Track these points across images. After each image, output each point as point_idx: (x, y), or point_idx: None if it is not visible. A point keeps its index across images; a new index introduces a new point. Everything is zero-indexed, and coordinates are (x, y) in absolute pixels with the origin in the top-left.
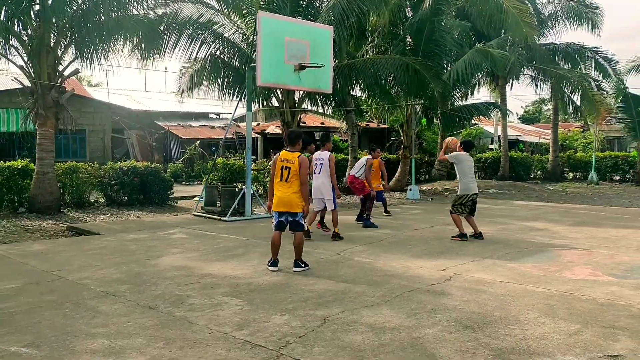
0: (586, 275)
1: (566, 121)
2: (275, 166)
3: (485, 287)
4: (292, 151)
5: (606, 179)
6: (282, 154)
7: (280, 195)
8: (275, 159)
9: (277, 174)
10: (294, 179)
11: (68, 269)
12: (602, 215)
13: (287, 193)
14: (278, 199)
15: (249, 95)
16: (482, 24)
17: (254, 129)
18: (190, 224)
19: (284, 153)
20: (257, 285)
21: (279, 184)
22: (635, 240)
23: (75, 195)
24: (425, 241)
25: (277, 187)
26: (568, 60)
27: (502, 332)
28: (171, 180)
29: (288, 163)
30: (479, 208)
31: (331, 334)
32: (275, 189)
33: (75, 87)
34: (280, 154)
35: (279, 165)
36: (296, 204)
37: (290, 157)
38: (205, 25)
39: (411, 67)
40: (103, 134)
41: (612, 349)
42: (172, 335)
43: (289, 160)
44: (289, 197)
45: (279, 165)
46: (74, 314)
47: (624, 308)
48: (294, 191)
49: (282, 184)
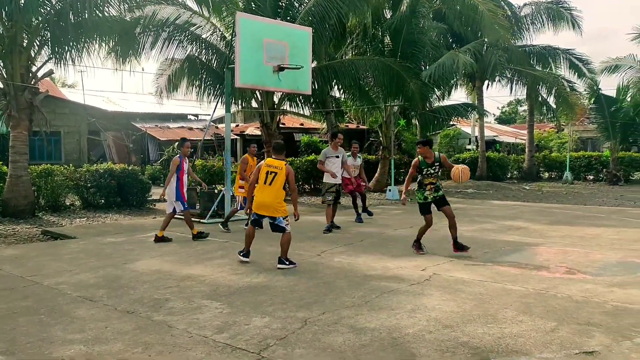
0: (562, 274)
1: (541, 122)
2: (260, 171)
3: (463, 286)
4: (277, 159)
5: (580, 178)
6: (269, 161)
7: (262, 200)
8: (261, 165)
9: (261, 178)
10: (278, 185)
11: (43, 274)
12: (577, 214)
13: (270, 198)
14: (259, 203)
15: (227, 96)
16: (459, 26)
17: (233, 131)
18: (168, 226)
19: (270, 160)
20: (237, 288)
21: (262, 187)
22: (608, 238)
23: (50, 199)
24: (405, 241)
25: (260, 190)
26: (541, 62)
27: (481, 331)
28: (149, 182)
29: (275, 169)
30: (458, 207)
31: (312, 335)
32: (257, 192)
33: (50, 88)
34: (266, 160)
35: (264, 170)
36: (277, 209)
37: (277, 164)
38: (182, 27)
39: (390, 68)
40: (79, 136)
41: (587, 346)
42: (151, 340)
43: (275, 167)
44: (272, 202)
45: (264, 170)
46: (49, 320)
47: (598, 305)
48: (276, 196)
49: (265, 188)
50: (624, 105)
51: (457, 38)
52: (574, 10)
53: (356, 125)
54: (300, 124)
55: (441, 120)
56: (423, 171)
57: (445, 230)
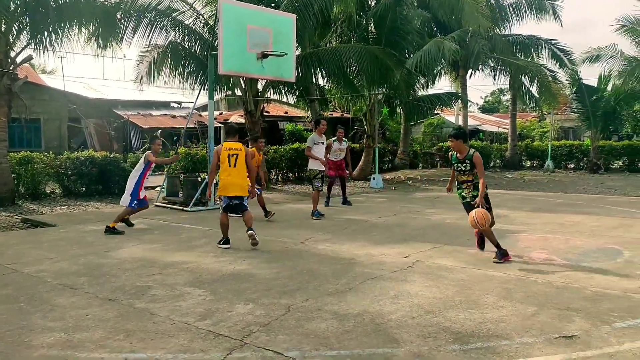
0: (542, 260)
1: (524, 111)
2: (221, 155)
3: (446, 272)
4: (232, 141)
5: (561, 166)
6: (226, 144)
7: (231, 181)
8: (219, 150)
9: (224, 161)
10: (241, 165)
11: (23, 262)
12: (558, 201)
13: (238, 178)
14: (229, 183)
15: (210, 83)
16: (442, 15)
17: (216, 118)
18: (151, 214)
19: (227, 143)
20: (220, 275)
21: (228, 170)
22: (588, 225)
23: (30, 186)
24: (388, 229)
25: (227, 172)
26: (525, 51)
27: (462, 316)
28: (131, 170)
29: (235, 150)
30: (441, 196)
31: (295, 322)
32: (223, 175)
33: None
34: (224, 144)
35: (225, 154)
36: (244, 187)
37: (235, 145)
38: (164, 12)
39: (374, 56)
40: (59, 123)
41: (567, 330)
42: (133, 327)
43: (235, 148)
44: (240, 182)
45: (225, 154)
46: (29, 308)
47: (578, 290)
48: (243, 176)
49: (232, 170)
50: (605, 94)
51: (441, 27)
52: (556, 1)
53: (340, 113)
54: (284, 112)
55: (425, 109)
56: (454, 166)
57: (429, 219)
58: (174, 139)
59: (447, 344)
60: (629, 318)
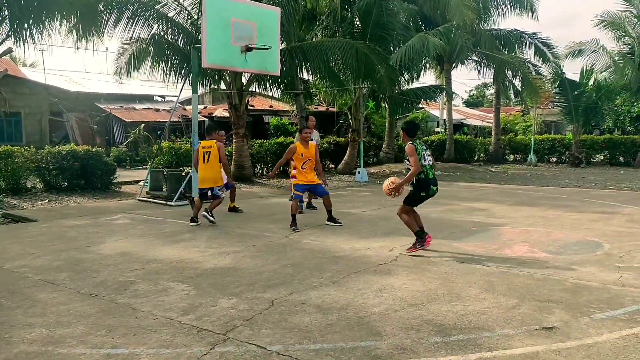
0: (524, 252)
1: (507, 105)
2: (198, 153)
3: (429, 265)
4: (209, 139)
5: (544, 160)
6: (203, 143)
7: (203, 175)
8: (198, 148)
9: (200, 159)
10: (212, 161)
11: (3, 258)
12: (540, 195)
13: (209, 173)
14: (202, 178)
15: (194, 77)
16: (428, 9)
17: (201, 112)
18: (134, 209)
19: (203, 142)
20: (203, 270)
21: (202, 166)
22: (569, 218)
23: (11, 181)
24: (372, 222)
25: (202, 168)
26: (509, 46)
27: (445, 309)
28: (114, 164)
29: (208, 148)
30: None
31: (279, 316)
32: (199, 171)
33: (9, 67)
34: (201, 143)
35: (201, 152)
36: (216, 180)
37: (209, 144)
38: (147, 4)
39: (359, 51)
40: (40, 117)
41: (547, 321)
42: (115, 323)
43: (208, 146)
44: (211, 176)
45: (201, 152)
46: (10, 304)
47: (558, 282)
48: (216, 171)
49: (205, 165)
50: (587, 89)
51: (427, 21)
52: None
53: (326, 107)
54: (269, 106)
55: (410, 103)
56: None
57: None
58: (158, 132)
59: (429, 337)
60: (607, 309)
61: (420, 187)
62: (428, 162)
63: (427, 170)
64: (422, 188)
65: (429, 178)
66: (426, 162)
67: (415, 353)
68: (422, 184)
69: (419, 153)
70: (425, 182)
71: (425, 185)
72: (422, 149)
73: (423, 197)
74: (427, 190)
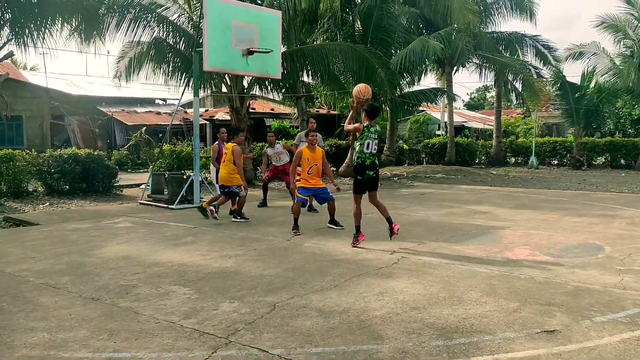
0: (525, 256)
1: (509, 108)
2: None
3: (431, 269)
4: (229, 142)
5: (545, 163)
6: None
7: (221, 174)
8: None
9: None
10: (227, 162)
11: (5, 262)
12: (541, 198)
13: (223, 172)
14: (220, 176)
15: (195, 80)
16: (429, 11)
17: (202, 115)
18: (136, 212)
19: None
20: (205, 273)
21: (222, 165)
22: (570, 221)
23: (12, 185)
24: (373, 225)
25: (221, 167)
26: (509, 48)
27: (446, 312)
28: (116, 167)
29: (227, 150)
30: (426, 192)
31: (280, 319)
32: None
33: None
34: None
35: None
36: (229, 180)
37: (228, 146)
38: (149, 7)
39: (360, 54)
40: (41, 120)
41: (548, 325)
42: (117, 327)
43: (227, 148)
44: (226, 175)
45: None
46: (11, 308)
47: (559, 286)
48: (228, 171)
49: (222, 165)
50: (588, 92)
51: (427, 24)
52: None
53: (327, 110)
54: (270, 109)
55: (411, 106)
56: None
57: (414, 215)
58: (159, 136)
59: (431, 340)
60: (608, 312)
61: (357, 171)
62: (370, 151)
63: (367, 157)
64: (358, 172)
65: (366, 164)
66: (368, 150)
67: (417, 357)
68: (358, 169)
69: (364, 137)
70: (362, 167)
71: (361, 170)
72: (372, 136)
73: (360, 180)
74: (362, 175)
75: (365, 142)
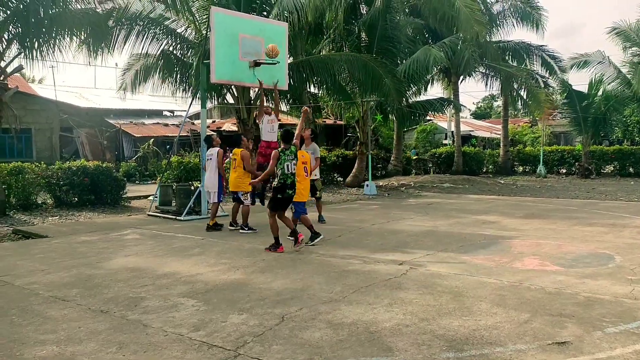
0: (535, 266)
1: (515, 116)
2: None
3: (440, 279)
4: (238, 148)
5: (553, 172)
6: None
7: (230, 179)
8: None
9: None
10: (238, 167)
11: (14, 274)
12: (550, 207)
13: (232, 177)
14: (230, 181)
15: (203, 92)
16: (434, 21)
17: (209, 127)
18: (144, 224)
19: (235, 149)
20: (214, 285)
21: (231, 170)
22: (580, 230)
23: (22, 197)
24: (382, 236)
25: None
26: (516, 58)
27: (456, 324)
28: (124, 179)
29: (235, 155)
30: (434, 202)
31: (289, 331)
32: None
33: (20, 84)
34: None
35: (232, 158)
36: (237, 185)
37: (235, 151)
38: (156, 20)
39: (366, 64)
40: (50, 133)
41: (560, 336)
42: (126, 339)
43: (234, 154)
44: (235, 180)
45: (232, 159)
46: (21, 321)
47: (570, 296)
48: (237, 176)
49: (232, 170)
50: (595, 100)
51: (432, 34)
52: (541, 10)
53: (333, 120)
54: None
55: (418, 116)
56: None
57: (422, 225)
58: (167, 147)
59: (441, 352)
60: (620, 323)
61: (278, 191)
62: (290, 171)
63: (287, 177)
64: (279, 191)
65: (287, 184)
66: (289, 171)
67: None
68: (280, 189)
69: (282, 162)
70: (284, 187)
71: (283, 189)
72: (289, 158)
73: (280, 199)
74: (283, 193)
75: (284, 164)
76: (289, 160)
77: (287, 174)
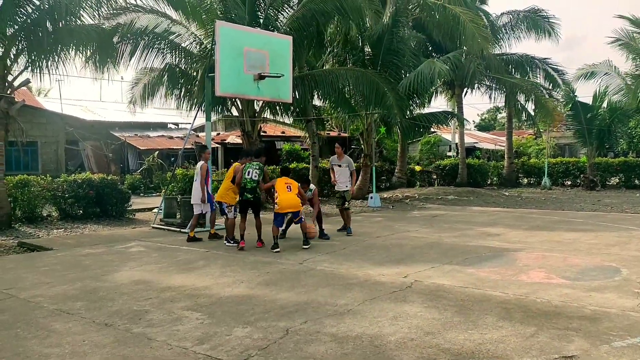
0: (541, 279)
1: (520, 128)
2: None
3: (445, 292)
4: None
5: (558, 184)
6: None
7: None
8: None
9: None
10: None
11: (19, 287)
12: (555, 219)
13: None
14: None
15: (207, 105)
16: (438, 35)
17: (213, 139)
18: (149, 236)
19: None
20: (218, 298)
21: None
22: (586, 243)
23: (27, 210)
24: (386, 248)
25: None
26: (519, 70)
27: (462, 337)
28: (128, 192)
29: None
30: (438, 214)
31: (294, 345)
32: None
33: (26, 98)
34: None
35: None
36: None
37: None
38: (162, 35)
39: (370, 79)
40: (56, 146)
41: (566, 350)
42: (130, 353)
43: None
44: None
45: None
46: (26, 334)
47: (577, 309)
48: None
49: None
50: (600, 112)
51: (436, 47)
52: (552, 19)
53: (337, 133)
54: (281, 132)
55: (422, 128)
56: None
57: (426, 238)
58: (172, 160)
59: None
60: (627, 337)
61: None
62: (251, 177)
63: (247, 181)
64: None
65: (246, 188)
66: (249, 176)
67: None
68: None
69: (246, 168)
70: (243, 190)
71: (242, 192)
72: (252, 167)
73: (240, 201)
74: (242, 196)
75: (247, 170)
76: (252, 168)
77: (247, 178)
